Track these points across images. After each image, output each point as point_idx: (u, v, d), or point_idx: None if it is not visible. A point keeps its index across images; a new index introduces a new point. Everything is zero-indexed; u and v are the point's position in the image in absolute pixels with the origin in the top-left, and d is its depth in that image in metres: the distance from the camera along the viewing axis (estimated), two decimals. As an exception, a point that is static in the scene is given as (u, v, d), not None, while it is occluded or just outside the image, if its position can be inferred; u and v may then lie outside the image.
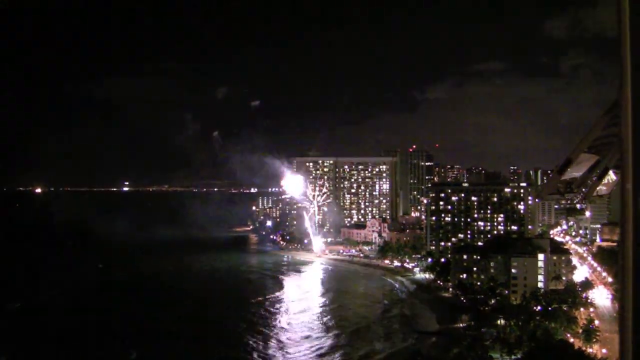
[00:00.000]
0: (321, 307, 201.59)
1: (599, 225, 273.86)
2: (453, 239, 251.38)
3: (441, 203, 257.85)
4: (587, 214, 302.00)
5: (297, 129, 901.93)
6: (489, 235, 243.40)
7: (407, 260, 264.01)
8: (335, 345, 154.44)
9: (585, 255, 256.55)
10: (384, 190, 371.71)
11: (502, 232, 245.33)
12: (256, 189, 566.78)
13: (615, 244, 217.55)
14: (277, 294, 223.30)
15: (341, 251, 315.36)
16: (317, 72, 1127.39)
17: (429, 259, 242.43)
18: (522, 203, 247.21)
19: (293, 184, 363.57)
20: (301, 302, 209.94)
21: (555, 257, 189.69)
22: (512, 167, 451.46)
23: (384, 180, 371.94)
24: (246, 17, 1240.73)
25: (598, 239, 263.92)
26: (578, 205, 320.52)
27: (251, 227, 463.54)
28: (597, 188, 14.03)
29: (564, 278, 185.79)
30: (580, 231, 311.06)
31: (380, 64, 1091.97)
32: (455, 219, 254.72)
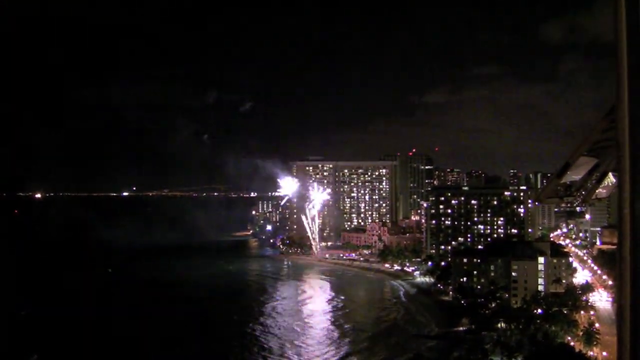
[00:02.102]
0: (322, 311, 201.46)
1: (599, 228, 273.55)
2: (453, 243, 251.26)
3: (441, 207, 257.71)
4: (587, 217, 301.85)
5: (296, 133, 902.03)
6: (489, 239, 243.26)
7: (408, 264, 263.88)
8: (337, 348, 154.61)
9: (585, 258, 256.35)
10: (384, 194, 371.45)
11: (502, 235, 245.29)
12: (256, 193, 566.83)
13: (615, 246, 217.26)
14: (280, 298, 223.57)
15: (341, 255, 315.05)
16: (317, 77, 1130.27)
17: (429, 263, 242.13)
18: (522, 206, 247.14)
19: (292, 187, 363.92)
20: (302, 307, 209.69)
21: (555, 260, 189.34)
22: (511, 171, 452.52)
23: (383, 184, 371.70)
24: (245, 20, 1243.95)
25: (598, 242, 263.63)
26: (578, 209, 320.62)
27: (251, 231, 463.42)
28: (597, 191, 14.06)
29: (564, 281, 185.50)
30: (581, 234, 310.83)
31: (377, 69, 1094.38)
32: (455, 223, 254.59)
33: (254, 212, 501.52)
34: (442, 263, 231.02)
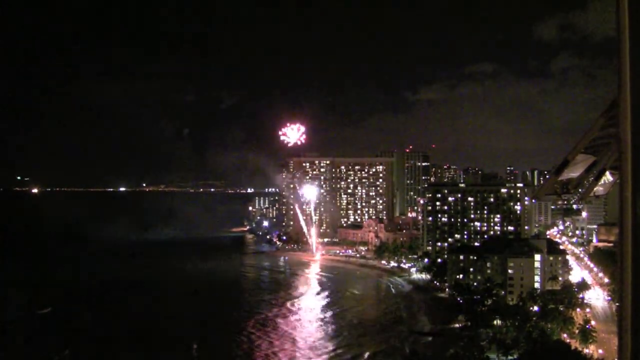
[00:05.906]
0: (319, 308, 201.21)
1: (595, 226, 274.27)
2: (449, 240, 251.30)
3: (438, 203, 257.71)
4: (584, 214, 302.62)
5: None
6: (485, 236, 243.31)
7: (404, 261, 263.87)
8: (332, 345, 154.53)
9: (581, 255, 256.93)
10: (381, 191, 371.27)
11: (498, 232, 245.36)
12: (252, 189, 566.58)
13: (611, 244, 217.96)
14: (277, 296, 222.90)
15: (338, 252, 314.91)
16: (313, 75, 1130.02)
17: (426, 260, 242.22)
18: (518, 203, 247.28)
19: (289, 186, 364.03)
20: (299, 304, 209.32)
21: (551, 258, 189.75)
22: (508, 168, 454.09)
23: (380, 180, 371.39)
24: (240, 17, 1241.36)
25: (594, 240, 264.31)
26: (574, 206, 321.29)
27: (248, 227, 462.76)
28: (594, 189, 14.02)
29: (560, 278, 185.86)
30: (577, 232, 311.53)
31: (374, 66, 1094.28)
32: (452, 220, 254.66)
33: (250, 208, 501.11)
34: (439, 260, 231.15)
